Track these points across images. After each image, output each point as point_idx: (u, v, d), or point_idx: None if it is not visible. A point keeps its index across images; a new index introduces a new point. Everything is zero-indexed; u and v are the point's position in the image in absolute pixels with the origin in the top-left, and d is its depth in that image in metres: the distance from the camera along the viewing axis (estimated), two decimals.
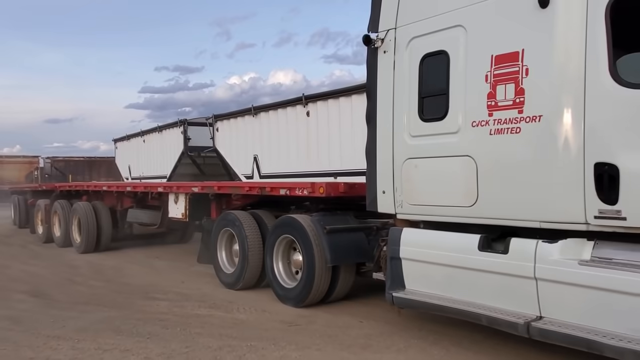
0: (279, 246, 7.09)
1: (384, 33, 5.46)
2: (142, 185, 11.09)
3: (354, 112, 8.64)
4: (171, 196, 9.51)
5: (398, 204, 5.32)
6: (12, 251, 13.14)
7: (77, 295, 7.90)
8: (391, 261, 5.38)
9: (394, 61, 5.35)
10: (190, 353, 5.14)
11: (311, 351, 5.13)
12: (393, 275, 5.33)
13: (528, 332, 4.17)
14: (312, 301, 6.65)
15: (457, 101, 4.78)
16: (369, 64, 5.65)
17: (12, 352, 5.25)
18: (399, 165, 5.30)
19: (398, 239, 5.31)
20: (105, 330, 5.94)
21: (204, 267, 10.00)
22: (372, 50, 5.56)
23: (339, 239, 6.48)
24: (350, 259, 6.60)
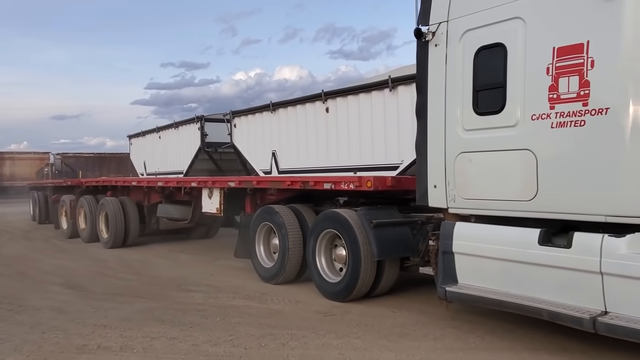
0: (321, 241, 7.16)
1: (435, 26, 5.43)
2: (175, 180, 11.14)
3: (374, 108, 8.80)
4: (205, 191, 9.67)
5: (450, 198, 5.33)
6: (37, 246, 13.41)
7: (112, 287, 8.14)
8: (443, 255, 5.40)
9: (446, 54, 5.34)
10: (235, 340, 5.36)
11: (350, 339, 5.34)
12: (445, 270, 5.35)
13: (594, 328, 4.16)
14: (356, 295, 6.71)
15: (515, 94, 4.75)
16: (418, 58, 5.65)
17: (64, 340, 5.48)
18: (452, 159, 5.30)
19: (451, 233, 5.32)
20: (148, 320, 6.18)
21: (230, 260, 10.25)
22: (422, 44, 5.55)
23: (385, 233, 6.52)
24: (396, 253, 6.65)
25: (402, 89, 8.30)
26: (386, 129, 8.53)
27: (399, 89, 8.37)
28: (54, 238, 14.73)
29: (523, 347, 4.98)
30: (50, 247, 13.10)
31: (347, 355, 4.88)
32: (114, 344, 5.34)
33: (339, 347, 5.12)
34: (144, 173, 16.99)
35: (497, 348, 5.01)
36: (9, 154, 44.41)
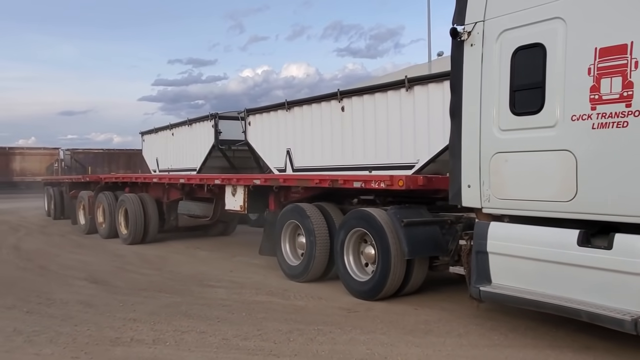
0: (349, 239, 7.19)
1: (471, 26, 5.43)
2: (198, 177, 11.25)
3: (390, 107, 8.88)
4: (228, 188, 9.77)
5: (485, 198, 5.34)
6: (55, 241, 13.60)
7: (135, 282, 8.29)
8: (477, 255, 5.39)
9: (481, 54, 5.34)
10: (264, 335, 5.49)
11: (376, 335, 5.47)
12: (478, 270, 5.35)
13: (636, 329, 4.15)
14: (385, 294, 6.73)
15: (554, 95, 4.76)
16: (453, 58, 5.65)
17: (97, 332, 5.63)
18: (487, 159, 5.30)
19: (485, 233, 5.30)
20: (175, 314, 6.31)
21: (248, 257, 10.43)
22: (458, 43, 5.55)
23: (416, 232, 6.56)
24: (427, 252, 6.68)
25: (419, 88, 8.41)
26: (402, 128, 8.62)
27: (415, 88, 8.46)
28: (71, 233, 14.93)
29: (546, 345, 5.09)
30: (68, 242, 13.27)
31: (375, 351, 5.00)
32: (146, 337, 5.48)
33: (366, 342, 5.25)
34: (157, 169, 17.14)
35: (521, 345, 5.12)
36: (19, 149, 44.80)
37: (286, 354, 4.97)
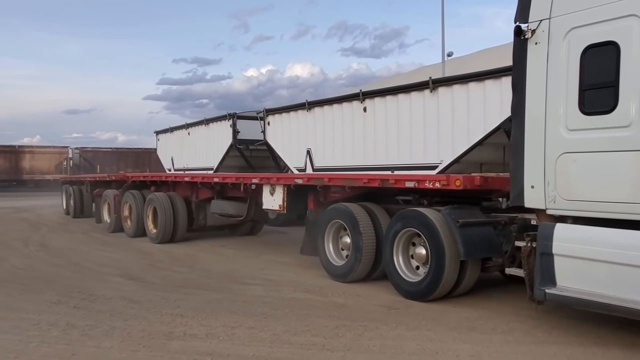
0: (399, 240, 7.17)
1: (535, 24, 5.36)
2: (234, 176, 11.27)
3: (413, 108, 9.00)
4: (266, 187, 9.87)
5: (550, 199, 5.28)
6: (79, 239, 13.79)
7: (170, 280, 8.44)
8: (541, 257, 5.31)
9: (547, 53, 5.26)
10: (312, 331, 5.64)
11: (422, 331, 5.60)
12: (543, 272, 5.27)
13: None
14: (438, 295, 6.69)
15: (629, 94, 4.66)
16: (516, 56, 5.60)
17: (149, 327, 5.78)
18: (553, 159, 5.23)
19: (551, 235, 5.21)
20: (219, 311, 6.47)
21: (274, 255, 10.60)
22: (521, 41, 5.49)
23: (471, 233, 6.52)
24: (482, 253, 6.63)
25: (443, 90, 8.51)
26: (425, 129, 8.72)
27: (439, 90, 8.56)
28: (93, 231, 15.11)
29: (591, 342, 5.22)
30: (93, 240, 13.44)
31: (425, 346, 5.14)
32: (198, 332, 5.63)
33: (414, 338, 5.39)
34: (172, 168, 17.29)
35: (567, 342, 5.25)
36: (29, 147, 45.10)
37: (339, 348, 5.11)
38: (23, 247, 12.15)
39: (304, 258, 10.09)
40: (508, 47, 19.71)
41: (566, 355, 4.94)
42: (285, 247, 11.90)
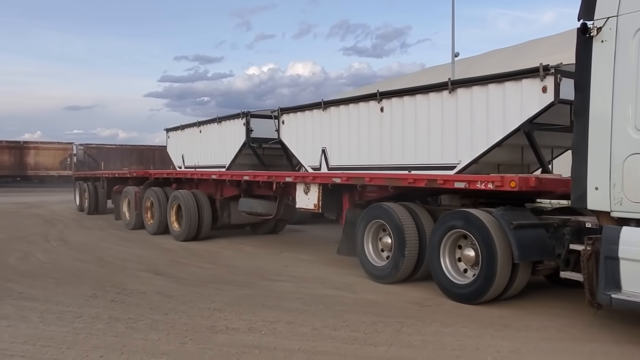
0: (446, 241, 7.09)
1: (601, 21, 5.26)
2: (266, 175, 11.27)
3: (431, 109, 9.07)
4: (300, 186, 9.90)
5: (615, 201, 5.17)
6: (98, 234, 13.92)
7: (198, 275, 8.57)
8: (605, 261, 5.21)
9: (614, 51, 5.16)
10: (351, 326, 5.76)
11: (458, 328, 5.74)
12: (607, 276, 5.17)
13: None
14: (488, 298, 6.59)
15: None
16: (579, 55, 5.49)
17: (190, 321, 5.91)
18: (620, 160, 5.12)
19: (617, 238, 5.09)
20: (254, 306, 6.59)
21: (294, 252, 10.75)
22: (585, 40, 5.39)
23: (525, 235, 6.43)
24: (536, 255, 6.56)
25: (462, 91, 8.58)
26: (443, 129, 8.79)
27: (458, 91, 8.63)
28: (109, 227, 15.26)
29: (626, 340, 5.34)
30: (111, 236, 13.56)
31: (464, 342, 5.27)
32: (239, 326, 5.76)
33: (452, 334, 5.52)
34: (182, 166, 17.37)
35: (602, 340, 5.39)
36: (34, 143, 45.25)
37: (380, 343, 5.24)
38: (44, 242, 12.29)
39: (325, 255, 10.28)
40: (515, 49, 20.06)
41: (604, 352, 5.07)
42: (303, 244, 12.07)
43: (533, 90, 7.53)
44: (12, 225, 15.67)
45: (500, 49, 21.78)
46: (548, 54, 16.67)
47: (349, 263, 9.14)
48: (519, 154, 9.02)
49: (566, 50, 15.87)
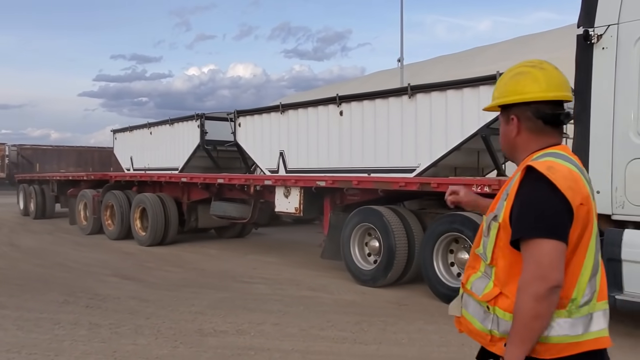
0: (440, 244, 7.23)
1: (602, 29, 5.39)
2: (243, 178, 11.17)
3: (391, 113, 9.28)
4: (279, 189, 9.81)
5: (617, 204, 5.28)
6: (50, 239, 13.44)
7: (168, 279, 8.45)
8: (608, 263, 5.16)
9: (616, 58, 5.30)
10: (337, 326, 5.89)
11: (440, 325, 5.92)
12: (610, 278, 5.04)
13: None
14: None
15: None
16: (580, 61, 5.60)
17: (175, 325, 5.85)
18: (621, 165, 5.23)
19: (619, 241, 5.17)
20: (235, 308, 6.61)
21: (258, 255, 10.81)
22: (586, 46, 5.51)
23: None
24: None
25: (421, 96, 8.84)
26: (403, 133, 9.02)
27: (417, 96, 8.88)
28: (58, 232, 14.75)
29: (624, 334, 5.58)
30: (64, 240, 13.10)
31: (448, 339, 5.46)
32: (226, 328, 5.77)
33: (436, 331, 5.72)
34: (131, 168, 16.98)
35: None
36: None
37: (369, 342, 5.40)
38: None
39: (291, 258, 10.39)
40: (461, 56, 20.49)
41: None
42: (267, 247, 12.09)
43: (490, 96, 7.82)
44: None
45: (446, 55, 22.41)
46: (493, 62, 17.31)
47: (317, 265, 9.31)
48: (475, 158, 9.43)
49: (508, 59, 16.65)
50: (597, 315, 1.88)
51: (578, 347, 1.83)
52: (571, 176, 1.86)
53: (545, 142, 2.02)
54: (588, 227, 1.87)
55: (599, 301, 1.91)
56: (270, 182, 10.11)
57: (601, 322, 1.89)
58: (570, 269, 1.83)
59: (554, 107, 2.01)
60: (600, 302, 1.91)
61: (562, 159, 1.93)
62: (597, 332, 1.87)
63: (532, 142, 2.04)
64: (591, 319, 1.87)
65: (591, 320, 1.86)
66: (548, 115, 2.00)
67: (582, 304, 1.84)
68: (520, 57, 11.54)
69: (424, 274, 7.44)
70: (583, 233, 1.85)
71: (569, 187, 1.81)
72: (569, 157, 1.96)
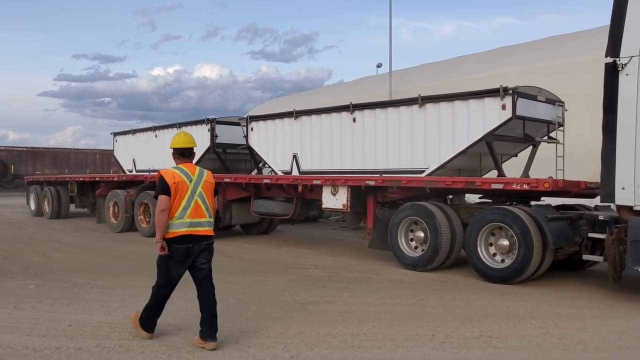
0: (483, 233, 8.44)
1: (626, 59, 6.92)
2: (291, 178, 12.10)
3: (402, 121, 10.58)
4: (327, 188, 10.99)
5: (638, 197, 6.83)
6: (86, 236, 14.33)
7: (228, 266, 9.46)
8: (632, 244, 6.85)
9: (637, 82, 6.82)
10: (402, 296, 7.32)
11: (482, 295, 7.44)
12: (634, 255, 6.81)
13: None
14: (523, 278, 8.00)
15: None
16: (607, 84, 7.12)
17: (274, 297, 7.13)
18: None
19: None
20: (309, 286, 7.91)
21: (292, 246, 12.03)
22: (613, 72, 7.03)
23: (556, 226, 7.96)
24: (564, 243, 8.01)
25: (431, 106, 10.24)
26: (413, 138, 10.36)
27: (427, 106, 10.28)
28: (86, 230, 15.66)
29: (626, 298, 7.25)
30: (98, 237, 13.97)
31: (495, 303, 6.98)
32: (315, 299, 7.08)
33: (481, 299, 7.23)
34: (133, 170, 17.76)
35: (604, 298, 7.29)
36: None
37: (435, 306, 6.85)
38: (39, 244, 12.64)
39: (322, 249, 11.76)
40: (445, 64, 22.07)
41: (608, 306, 7.01)
42: (291, 241, 13.36)
43: (494, 107, 9.33)
44: None
45: (430, 63, 23.72)
46: (475, 71, 18.97)
47: (351, 253, 10.77)
48: (478, 160, 10.91)
49: (490, 69, 18.27)
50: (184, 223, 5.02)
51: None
52: (172, 172, 5.09)
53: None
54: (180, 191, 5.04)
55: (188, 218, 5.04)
56: (319, 181, 11.21)
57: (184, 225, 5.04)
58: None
59: None
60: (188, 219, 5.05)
61: (175, 169, 5.22)
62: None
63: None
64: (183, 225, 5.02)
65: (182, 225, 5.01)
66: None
67: (178, 218, 5.00)
68: (500, 66, 13.55)
69: (468, 256, 8.75)
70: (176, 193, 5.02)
71: (171, 176, 5.02)
72: (179, 167, 5.26)
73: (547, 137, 10.40)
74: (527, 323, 6.04)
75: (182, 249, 5.05)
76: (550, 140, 10.31)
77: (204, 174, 5.39)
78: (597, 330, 5.82)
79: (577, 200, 9.18)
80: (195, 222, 5.09)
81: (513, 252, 8.13)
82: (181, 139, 5.43)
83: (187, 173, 5.17)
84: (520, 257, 7.98)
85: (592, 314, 6.58)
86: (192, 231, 5.07)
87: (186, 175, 5.14)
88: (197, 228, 5.11)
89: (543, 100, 9.82)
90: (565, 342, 5.39)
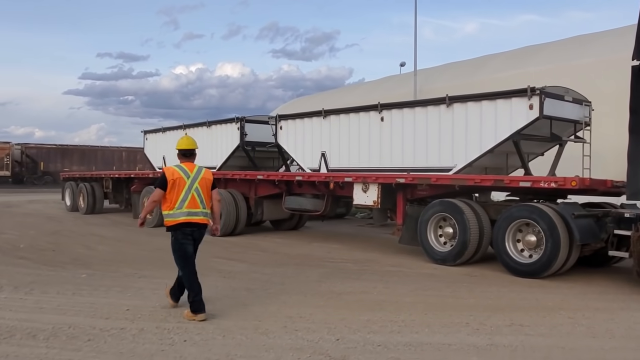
0: (511, 229, 8.68)
1: None
2: (323, 175, 12.45)
3: (429, 120, 10.87)
4: (358, 185, 11.39)
5: None
6: (124, 230, 14.93)
7: (265, 259, 10.04)
8: None
9: None
10: (434, 289, 7.66)
11: (511, 288, 7.77)
12: None
13: None
14: (550, 273, 8.21)
15: None
16: (634, 87, 7.59)
17: (312, 288, 7.55)
18: None
19: None
20: (344, 278, 8.32)
21: (322, 242, 12.40)
22: (639, 75, 7.51)
23: (583, 223, 8.20)
24: (590, 239, 8.24)
25: (458, 105, 10.52)
26: (440, 137, 10.64)
27: (454, 105, 10.57)
28: (120, 224, 16.24)
29: None
30: (134, 232, 14.33)
31: (524, 296, 7.30)
32: (351, 290, 7.48)
33: (510, 291, 7.56)
34: (163, 167, 18.43)
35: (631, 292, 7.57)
36: None
37: (467, 297, 7.19)
38: (81, 237, 13.25)
39: (351, 244, 12.14)
40: (469, 63, 22.24)
41: (634, 299, 7.29)
42: (320, 236, 13.76)
43: (521, 107, 9.58)
44: (20, 223, 16.23)
45: (454, 62, 23.88)
46: (499, 70, 19.13)
47: (380, 249, 11.15)
48: (504, 159, 11.16)
49: (515, 69, 18.40)
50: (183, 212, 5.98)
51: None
52: (172, 170, 6.04)
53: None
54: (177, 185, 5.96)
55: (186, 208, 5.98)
56: (351, 179, 11.58)
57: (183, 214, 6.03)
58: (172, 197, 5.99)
59: None
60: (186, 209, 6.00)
61: (176, 166, 6.13)
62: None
63: None
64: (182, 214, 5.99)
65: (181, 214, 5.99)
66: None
67: (177, 208, 5.96)
68: (525, 66, 13.82)
69: (496, 251, 9.00)
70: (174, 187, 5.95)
71: (171, 173, 5.96)
72: (180, 166, 6.15)
73: (574, 136, 10.60)
74: (556, 314, 6.38)
75: (187, 230, 6.10)
76: (577, 140, 10.52)
77: (202, 171, 6.25)
78: (625, 321, 6.13)
79: (603, 199, 9.37)
80: (192, 212, 6.07)
81: (540, 247, 8.38)
82: (184, 141, 6.39)
83: (186, 171, 6.10)
84: (547, 252, 8.19)
85: (619, 307, 6.87)
86: (190, 219, 6.06)
87: (184, 172, 6.08)
88: (193, 217, 6.09)
89: (570, 100, 10.03)
90: (594, 331, 5.72)
